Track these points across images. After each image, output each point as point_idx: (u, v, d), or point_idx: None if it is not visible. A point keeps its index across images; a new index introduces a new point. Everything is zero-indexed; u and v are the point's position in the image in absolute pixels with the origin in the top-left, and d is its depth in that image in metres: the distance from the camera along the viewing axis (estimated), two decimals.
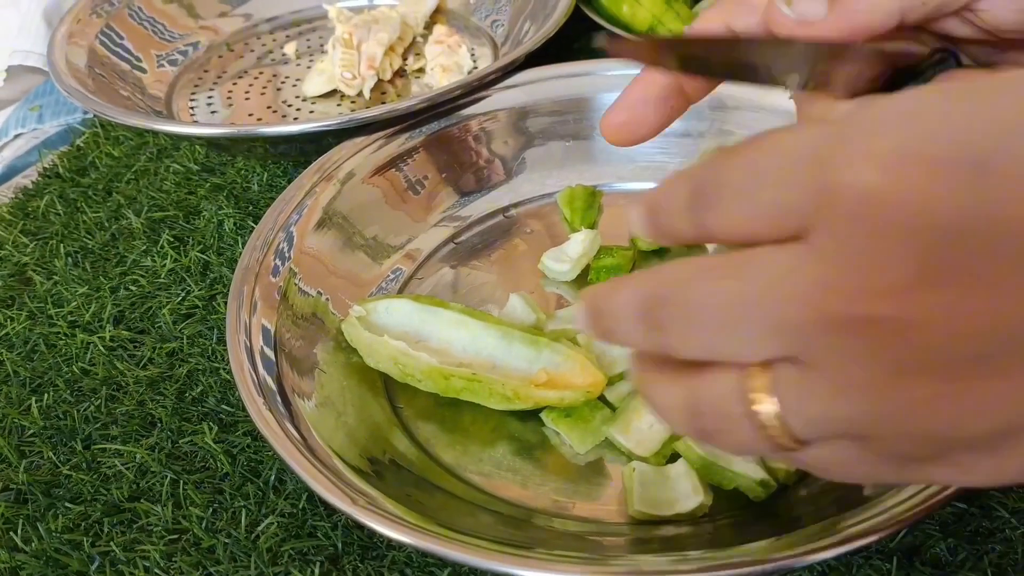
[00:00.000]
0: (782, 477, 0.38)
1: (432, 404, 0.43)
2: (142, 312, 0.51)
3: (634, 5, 0.65)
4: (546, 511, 0.39)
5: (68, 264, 0.55)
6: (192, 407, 0.45)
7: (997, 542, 0.36)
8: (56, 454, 0.43)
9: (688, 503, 0.37)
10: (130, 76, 0.67)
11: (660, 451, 0.39)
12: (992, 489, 0.38)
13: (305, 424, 0.38)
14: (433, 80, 0.68)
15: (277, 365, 0.41)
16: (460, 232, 0.53)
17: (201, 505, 0.40)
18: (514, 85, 0.56)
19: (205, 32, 0.75)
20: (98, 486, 0.42)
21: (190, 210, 0.58)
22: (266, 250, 0.44)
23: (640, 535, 0.37)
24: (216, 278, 0.52)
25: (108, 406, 0.45)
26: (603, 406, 0.42)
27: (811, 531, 0.34)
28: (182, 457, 0.43)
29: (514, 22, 0.71)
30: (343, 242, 0.49)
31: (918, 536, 0.37)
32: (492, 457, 0.41)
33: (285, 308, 0.43)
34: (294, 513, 0.40)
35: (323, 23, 0.78)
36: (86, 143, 0.66)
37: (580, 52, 0.71)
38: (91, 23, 0.67)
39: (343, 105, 0.68)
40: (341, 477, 0.36)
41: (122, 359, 0.48)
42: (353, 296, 0.48)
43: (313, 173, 0.49)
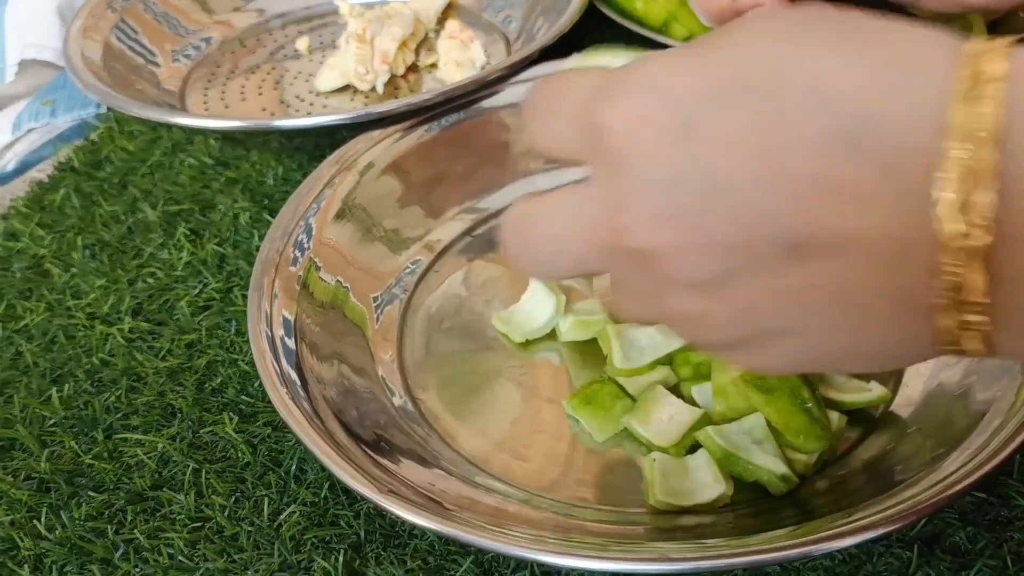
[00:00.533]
0: (801, 469, 0.38)
1: (451, 395, 0.44)
2: (160, 304, 0.51)
3: (648, 1, 0.66)
4: (567, 500, 0.39)
5: (85, 256, 0.55)
6: (212, 398, 0.45)
7: (1016, 530, 0.37)
8: (78, 443, 0.44)
9: (709, 493, 0.37)
10: (145, 71, 0.67)
11: (680, 442, 0.39)
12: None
13: (327, 412, 0.38)
14: (446, 75, 0.69)
15: (298, 354, 0.41)
16: (477, 225, 0.53)
17: (223, 494, 0.40)
18: (530, 79, 0.56)
19: (219, 27, 0.75)
20: (120, 475, 0.42)
21: (205, 204, 0.58)
22: (286, 240, 0.45)
23: (661, 524, 0.37)
24: (232, 271, 0.53)
25: (128, 396, 0.46)
26: (624, 396, 0.42)
27: (831, 520, 0.34)
28: (203, 447, 0.43)
29: (527, 17, 0.71)
30: (362, 233, 0.49)
31: (938, 525, 0.37)
32: (512, 447, 0.41)
33: (305, 298, 0.44)
34: (316, 502, 0.40)
35: (334, 19, 0.78)
36: (100, 137, 0.66)
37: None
38: (106, 17, 0.67)
39: (356, 100, 0.68)
40: (363, 465, 0.36)
41: (141, 350, 0.48)
42: (372, 288, 0.48)
43: (332, 164, 0.49)
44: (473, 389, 0.44)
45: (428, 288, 0.49)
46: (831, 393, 0.40)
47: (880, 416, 0.41)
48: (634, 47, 0.36)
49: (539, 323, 0.46)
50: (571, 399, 0.42)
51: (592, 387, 0.42)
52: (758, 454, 0.38)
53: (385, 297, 0.48)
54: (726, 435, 0.38)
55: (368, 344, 0.45)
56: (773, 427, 0.38)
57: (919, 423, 0.40)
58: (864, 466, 0.39)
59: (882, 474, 0.38)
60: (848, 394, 0.40)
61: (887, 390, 0.41)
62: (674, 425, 0.40)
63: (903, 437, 0.39)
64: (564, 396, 0.43)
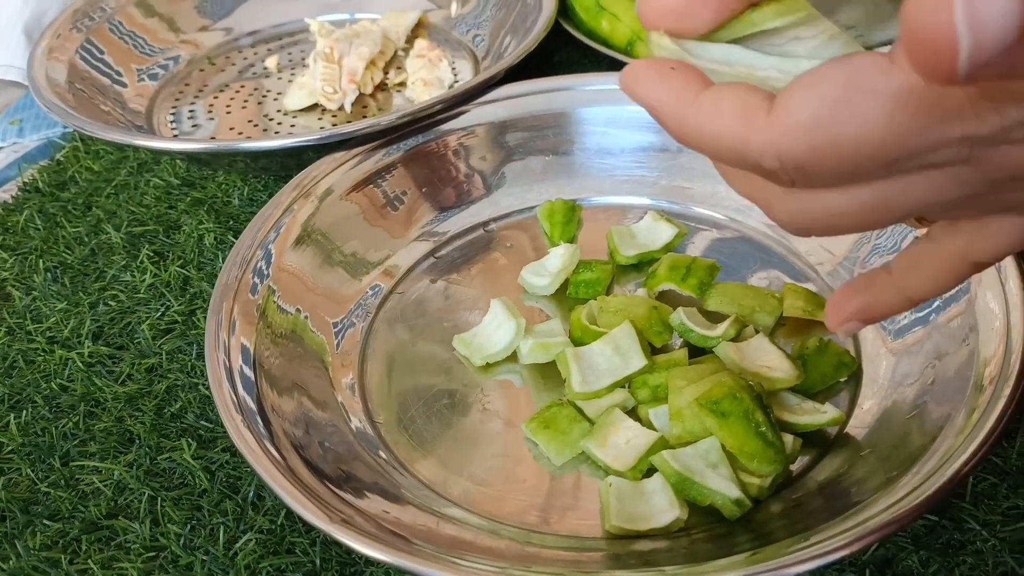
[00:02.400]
0: (755, 493, 0.38)
1: (410, 419, 0.44)
2: (121, 328, 0.51)
3: (613, 20, 0.66)
4: (524, 526, 0.39)
5: (47, 279, 0.55)
6: (171, 423, 0.45)
7: (968, 554, 0.37)
8: (34, 471, 0.43)
9: (664, 518, 0.37)
10: (111, 91, 0.67)
11: (636, 466, 0.39)
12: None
13: (283, 441, 0.38)
14: (414, 94, 0.69)
15: (256, 384, 0.41)
16: (440, 247, 0.53)
17: (179, 522, 0.40)
18: (493, 100, 0.56)
19: (186, 46, 0.75)
20: (76, 503, 0.42)
21: (170, 225, 0.58)
22: (244, 268, 0.45)
23: (617, 550, 0.37)
24: (196, 293, 0.52)
25: (86, 422, 0.45)
26: (582, 419, 0.42)
27: (784, 545, 0.34)
28: (160, 474, 0.43)
29: (495, 36, 0.72)
30: (322, 259, 0.49)
31: (890, 549, 0.37)
32: (470, 471, 0.41)
33: (264, 326, 0.44)
34: (272, 529, 0.40)
35: (305, 36, 0.78)
36: (66, 157, 0.66)
37: (560, 66, 0.72)
38: (71, 38, 0.67)
39: (324, 119, 0.68)
40: (318, 494, 0.36)
41: (101, 375, 0.48)
42: (332, 313, 0.48)
43: (291, 190, 0.49)
44: (433, 413, 0.44)
45: (389, 312, 0.49)
46: (785, 416, 0.40)
47: (834, 438, 0.41)
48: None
49: (500, 346, 0.46)
50: (530, 422, 0.42)
51: (551, 410, 0.42)
52: (712, 478, 0.38)
53: (346, 322, 0.48)
54: (681, 459, 0.38)
55: (328, 371, 0.45)
56: (728, 451, 0.38)
57: (873, 445, 0.40)
58: (819, 488, 0.39)
59: (836, 496, 0.38)
60: (802, 416, 0.41)
61: (841, 412, 0.41)
62: (630, 449, 0.40)
63: (857, 459, 0.39)
64: (524, 419, 0.43)
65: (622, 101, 0.56)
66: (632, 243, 0.52)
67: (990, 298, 0.41)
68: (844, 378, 0.43)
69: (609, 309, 0.46)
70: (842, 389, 0.43)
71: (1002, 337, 0.39)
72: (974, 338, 0.40)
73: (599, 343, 0.44)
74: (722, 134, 0.23)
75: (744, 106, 0.22)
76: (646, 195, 0.55)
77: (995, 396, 0.37)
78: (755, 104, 0.22)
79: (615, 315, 0.45)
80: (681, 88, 0.24)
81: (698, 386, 0.39)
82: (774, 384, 0.41)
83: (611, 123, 0.56)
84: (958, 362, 0.40)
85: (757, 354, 0.43)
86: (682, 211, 0.54)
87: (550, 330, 0.46)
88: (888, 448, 0.39)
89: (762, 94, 0.22)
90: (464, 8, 0.77)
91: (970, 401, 0.38)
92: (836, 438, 0.41)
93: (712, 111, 0.23)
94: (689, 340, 0.45)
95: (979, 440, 0.35)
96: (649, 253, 0.51)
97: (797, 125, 0.21)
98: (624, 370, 0.43)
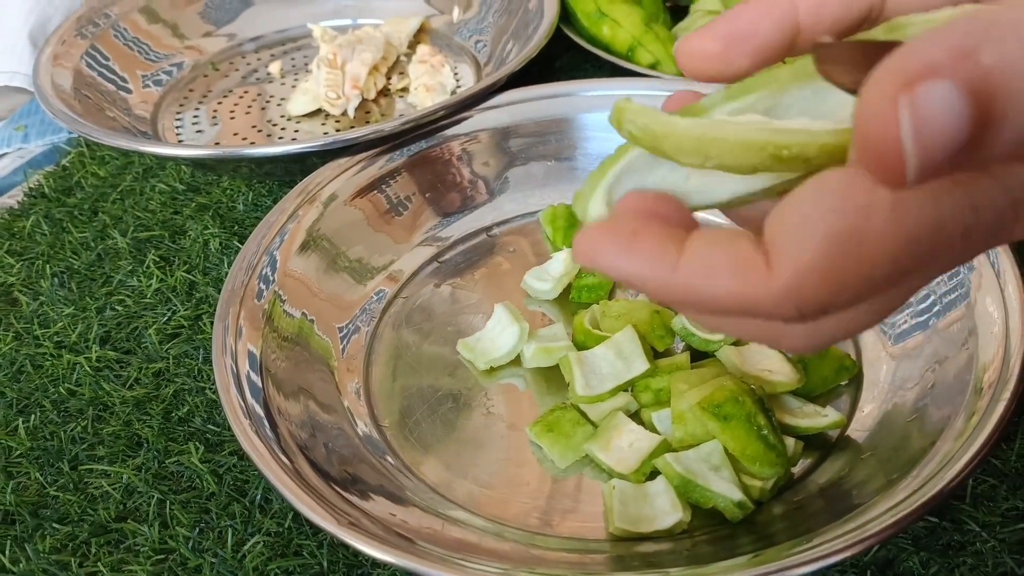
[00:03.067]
0: (757, 496, 0.39)
1: (416, 423, 0.44)
2: (128, 332, 0.51)
3: (614, 27, 0.66)
4: (529, 528, 0.39)
5: (54, 285, 0.55)
6: (178, 427, 0.45)
7: (968, 555, 0.37)
8: (43, 475, 0.44)
9: (667, 520, 0.38)
10: (116, 97, 0.67)
11: (639, 469, 0.40)
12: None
13: (290, 445, 0.39)
14: (416, 99, 0.69)
15: (263, 389, 0.41)
16: (444, 251, 0.54)
17: (187, 525, 0.41)
18: (496, 106, 0.57)
19: (190, 52, 0.75)
20: (85, 507, 0.42)
21: (176, 230, 0.59)
22: (250, 274, 0.45)
23: (620, 552, 0.38)
24: (202, 298, 0.53)
25: (95, 426, 0.46)
26: (585, 422, 0.42)
27: (787, 547, 0.34)
28: (168, 477, 0.43)
29: (497, 42, 0.72)
30: (327, 264, 0.49)
31: (891, 550, 0.38)
32: (475, 474, 0.42)
33: (270, 331, 0.44)
34: (280, 532, 0.40)
35: (307, 41, 0.78)
36: (72, 163, 0.67)
37: (561, 71, 0.72)
38: (76, 44, 0.67)
39: (328, 124, 0.68)
40: (325, 497, 0.36)
41: (108, 379, 0.48)
42: (338, 318, 0.48)
43: (296, 196, 0.50)
44: (438, 416, 0.44)
45: (394, 316, 0.50)
46: (787, 419, 0.41)
47: (836, 441, 0.42)
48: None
49: (503, 350, 0.46)
50: (533, 426, 0.43)
51: (554, 414, 0.43)
52: (715, 481, 0.38)
53: (351, 326, 0.49)
54: (683, 462, 0.39)
55: (334, 375, 0.46)
56: (730, 454, 0.39)
57: (873, 448, 0.40)
58: (820, 491, 0.39)
59: (838, 499, 0.38)
60: (804, 420, 0.41)
61: (842, 415, 0.42)
62: (633, 452, 0.40)
63: (858, 462, 0.40)
64: (528, 422, 0.43)
65: None
66: None
67: (989, 302, 0.41)
68: (845, 382, 0.44)
69: (611, 313, 0.46)
70: (843, 392, 0.44)
71: (1001, 341, 0.40)
72: (973, 342, 0.41)
73: (602, 347, 0.44)
74: (723, 297, 0.21)
75: (737, 263, 0.21)
76: None
77: (994, 399, 0.37)
78: (748, 257, 0.21)
79: (617, 319, 0.46)
80: (656, 256, 0.22)
81: (700, 390, 0.40)
82: (775, 388, 0.42)
83: (612, 128, 0.56)
84: (958, 366, 0.41)
85: (758, 358, 0.43)
86: None
87: (553, 334, 0.47)
88: (889, 451, 0.39)
89: (749, 241, 0.21)
90: (466, 14, 0.77)
91: (970, 404, 0.38)
92: (837, 441, 0.42)
93: (704, 276, 0.21)
94: (691, 344, 0.46)
95: (979, 443, 0.35)
96: None
97: (810, 270, 0.20)
98: (627, 374, 0.43)
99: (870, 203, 0.20)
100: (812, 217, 0.20)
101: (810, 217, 0.20)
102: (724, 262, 0.21)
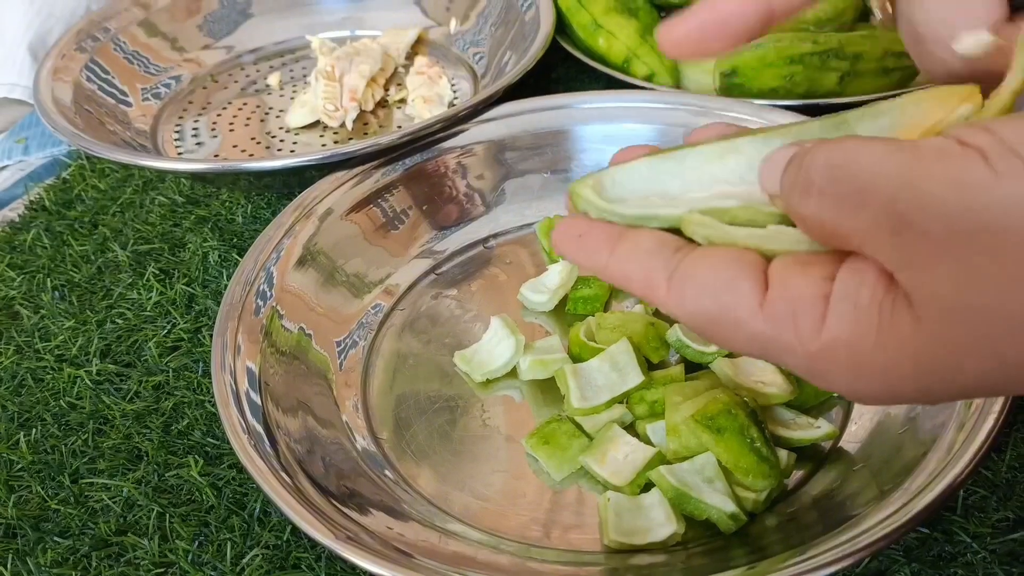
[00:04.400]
0: (751, 507, 0.39)
1: (413, 435, 0.45)
2: (128, 345, 0.52)
3: (610, 38, 0.67)
4: (525, 540, 0.40)
5: (55, 298, 0.56)
6: (178, 440, 0.46)
7: (959, 566, 0.38)
8: (44, 488, 0.44)
9: (661, 532, 0.38)
10: (116, 110, 0.68)
11: (634, 481, 0.40)
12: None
13: (289, 460, 0.39)
14: (414, 111, 0.70)
15: (262, 405, 0.42)
16: (440, 264, 0.54)
17: (187, 538, 0.41)
18: (493, 118, 0.57)
19: (189, 65, 0.76)
20: (86, 520, 0.42)
21: (175, 242, 0.59)
22: (248, 289, 0.46)
23: (615, 564, 0.38)
24: (201, 311, 0.53)
25: (95, 440, 0.46)
26: (581, 434, 0.43)
27: (780, 559, 0.35)
28: (168, 490, 0.44)
29: (494, 53, 0.73)
30: (324, 278, 0.50)
31: (883, 561, 0.38)
32: (471, 487, 0.42)
33: (268, 345, 0.44)
34: (279, 545, 0.41)
35: (306, 53, 0.79)
36: (72, 175, 0.67)
37: (557, 82, 0.73)
38: (76, 58, 0.68)
39: (326, 136, 0.69)
40: (324, 511, 0.37)
41: (108, 393, 0.49)
42: (335, 332, 0.49)
43: (292, 211, 0.50)
44: (435, 428, 0.45)
45: (391, 329, 0.50)
46: (780, 431, 0.41)
47: (828, 452, 0.42)
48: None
49: (500, 362, 0.46)
50: (529, 438, 0.43)
51: (550, 425, 0.43)
52: (709, 493, 0.39)
53: (349, 340, 0.49)
54: (677, 474, 0.39)
55: (332, 389, 0.46)
56: (723, 466, 0.39)
57: (866, 459, 0.41)
58: (813, 502, 0.40)
59: (830, 510, 0.39)
60: (797, 431, 0.42)
61: (834, 427, 0.42)
62: (628, 464, 0.41)
63: (850, 473, 0.40)
64: (524, 434, 0.43)
65: (619, 119, 0.57)
66: None
67: None
68: (837, 393, 0.44)
69: (607, 325, 0.47)
70: (835, 404, 0.44)
71: None
72: None
73: (597, 359, 0.45)
74: (634, 292, 0.29)
75: (648, 277, 0.28)
76: None
77: (984, 411, 0.38)
78: (656, 278, 0.28)
79: (613, 331, 0.46)
80: (594, 250, 0.29)
81: (694, 402, 0.40)
82: (768, 399, 0.42)
83: (608, 140, 0.57)
84: None
85: (752, 369, 0.44)
86: None
87: (549, 346, 0.47)
88: (881, 462, 0.40)
89: (664, 258, 0.28)
90: (463, 25, 0.78)
91: (960, 415, 0.39)
92: (830, 453, 0.42)
93: (622, 279, 0.29)
94: (685, 356, 0.46)
95: (969, 454, 0.36)
96: None
97: (685, 314, 0.27)
98: (622, 386, 0.44)
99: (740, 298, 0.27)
100: (705, 279, 0.27)
101: (703, 277, 0.27)
102: (637, 269, 0.29)
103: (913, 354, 0.23)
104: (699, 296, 0.26)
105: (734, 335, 0.26)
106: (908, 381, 0.24)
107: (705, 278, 0.26)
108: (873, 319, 0.23)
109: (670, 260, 0.27)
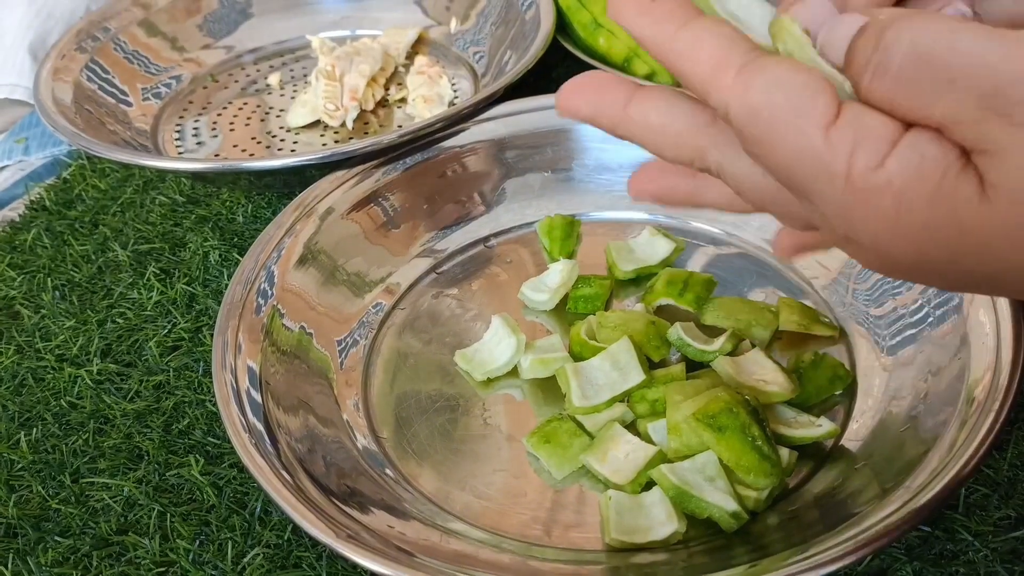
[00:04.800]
0: (752, 506, 0.39)
1: (414, 434, 0.44)
2: (129, 345, 0.52)
3: (610, 38, 0.67)
4: (526, 539, 0.40)
5: (55, 297, 0.56)
6: (179, 439, 0.46)
7: (961, 564, 0.38)
8: (45, 488, 0.44)
9: (663, 531, 0.38)
10: (116, 110, 0.68)
11: (635, 479, 0.40)
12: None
13: (289, 459, 0.39)
14: (415, 110, 0.70)
15: (263, 404, 0.42)
16: (441, 263, 0.54)
17: (188, 537, 0.41)
18: (493, 117, 0.57)
19: (189, 64, 0.76)
20: (87, 519, 0.42)
21: (176, 242, 0.59)
22: (248, 289, 0.46)
23: (616, 563, 0.38)
24: (202, 310, 0.53)
25: (96, 439, 0.46)
26: (582, 433, 0.43)
27: (782, 557, 0.35)
28: (169, 490, 0.44)
29: (494, 52, 0.73)
30: (325, 278, 0.50)
31: (885, 560, 0.38)
32: (472, 485, 0.42)
33: (269, 344, 0.44)
34: (279, 544, 0.40)
35: (306, 52, 0.79)
36: (72, 175, 0.67)
37: (558, 81, 0.72)
38: (76, 58, 0.68)
39: (327, 136, 0.69)
40: (325, 510, 0.37)
41: (109, 392, 0.49)
42: (336, 331, 0.49)
43: (292, 210, 0.50)
44: (436, 427, 0.45)
45: (391, 328, 0.50)
46: (781, 429, 0.41)
47: (830, 451, 0.42)
48: None
49: (501, 361, 0.46)
50: (530, 437, 0.43)
51: (551, 424, 0.43)
52: (710, 491, 0.39)
53: (349, 339, 0.49)
54: (679, 473, 0.39)
55: (332, 388, 0.46)
56: (725, 464, 0.39)
57: (867, 457, 0.41)
58: (815, 501, 0.40)
59: (832, 508, 0.39)
60: (798, 430, 0.41)
61: (836, 425, 0.42)
62: (629, 463, 0.41)
63: (852, 472, 0.40)
64: (525, 433, 0.43)
65: None
66: (630, 258, 0.53)
67: (981, 313, 0.42)
68: (839, 391, 0.44)
69: (608, 324, 0.47)
70: (837, 402, 0.44)
71: (993, 351, 0.40)
72: (966, 352, 0.41)
73: (598, 358, 0.45)
74: (691, 75, 0.26)
75: (719, 57, 0.25)
76: (644, 210, 0.56)
77: (986, 409, 0.38)
78: (729, 61, 0.25)
79: (614, 330, 0.46)
80: (664, 18, 0.26)
81: (695, 401, 0.40)
82: (770, 398, 0.42)
83: (609, 139, 0.56)
84: (950, 375, 0.41)
85: (753, 368, 0.44)
86: (679, 226, 0.55)
87: (550, 345, 0.47)
88: (882, 461, 0.40)
89: (742, 48, 0.25)
90: (464, 25, 0.78)
91: (962, 414, 0.39)
92: (831, 451, 0.42)
93: (689, 54, 0.26)
94: (686, 354, 0.46)
95: (971, 452, 0.36)
96: (647, 268, 0.52)
97: (745, 105, 0.24)
98: (623, 385, 0.43)
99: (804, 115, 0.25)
100: (776, 79, 0.24)
101: (774, 82, 0.24)
102: (708, 54, 0.26)
103: (961, 221, 0.22)
104: (770, 89, 0.24)
105: (784, 141, 0.24)
106: (943, 249, 0.23)
107: (784, 76, 0.24)
108: (935, 175, 0.22)
109: (747, 52, 0.25)
